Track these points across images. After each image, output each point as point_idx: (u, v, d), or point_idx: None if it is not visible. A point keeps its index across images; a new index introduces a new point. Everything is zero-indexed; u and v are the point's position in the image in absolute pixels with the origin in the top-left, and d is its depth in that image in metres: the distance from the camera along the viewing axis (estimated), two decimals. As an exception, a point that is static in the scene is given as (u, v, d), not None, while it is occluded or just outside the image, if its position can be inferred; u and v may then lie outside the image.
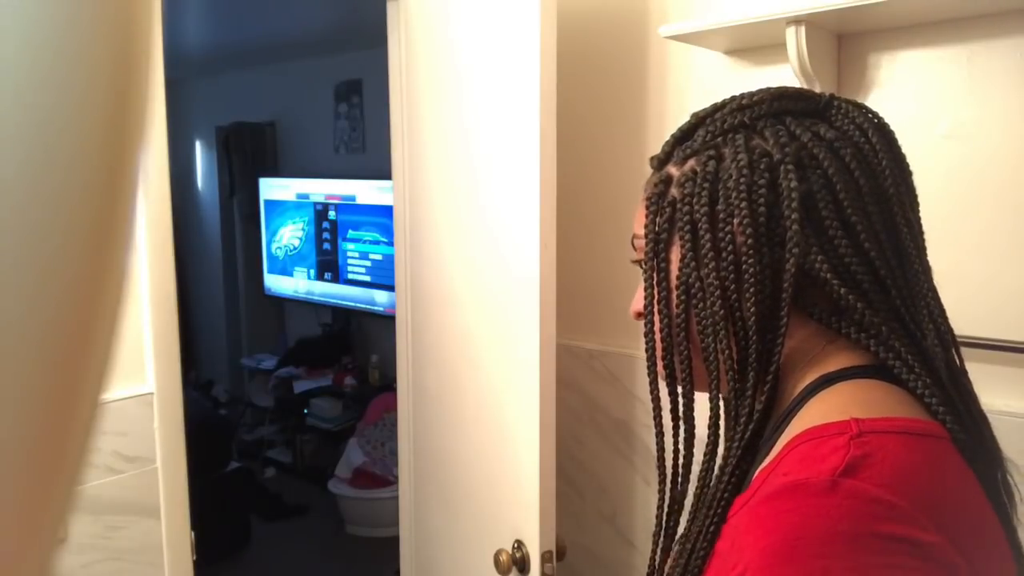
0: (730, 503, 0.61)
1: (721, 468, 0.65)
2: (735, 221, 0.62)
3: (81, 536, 1.33)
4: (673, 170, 0.68)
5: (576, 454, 1.79)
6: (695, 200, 0.64)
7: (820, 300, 0.62)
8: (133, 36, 0.28)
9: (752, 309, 0.61)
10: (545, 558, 1.36)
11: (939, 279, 0.63)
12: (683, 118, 0.71)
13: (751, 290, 0.61)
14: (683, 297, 0.65)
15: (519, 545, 1.39)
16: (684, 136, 0.68)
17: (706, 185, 0.63)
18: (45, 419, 0.28)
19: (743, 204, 0.61)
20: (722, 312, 0.63)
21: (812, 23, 1.26)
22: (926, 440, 0.56)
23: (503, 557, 1.39)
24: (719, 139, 0.65)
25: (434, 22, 1.62)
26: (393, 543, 1.96)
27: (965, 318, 1.29)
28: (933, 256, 0.67)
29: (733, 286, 0.62)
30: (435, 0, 1.61)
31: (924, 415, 0.59)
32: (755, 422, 0.63)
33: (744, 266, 0.61)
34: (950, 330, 0.65)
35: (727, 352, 0.63)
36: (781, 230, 0.61)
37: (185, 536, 1.47)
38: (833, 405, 0.58)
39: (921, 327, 0.62)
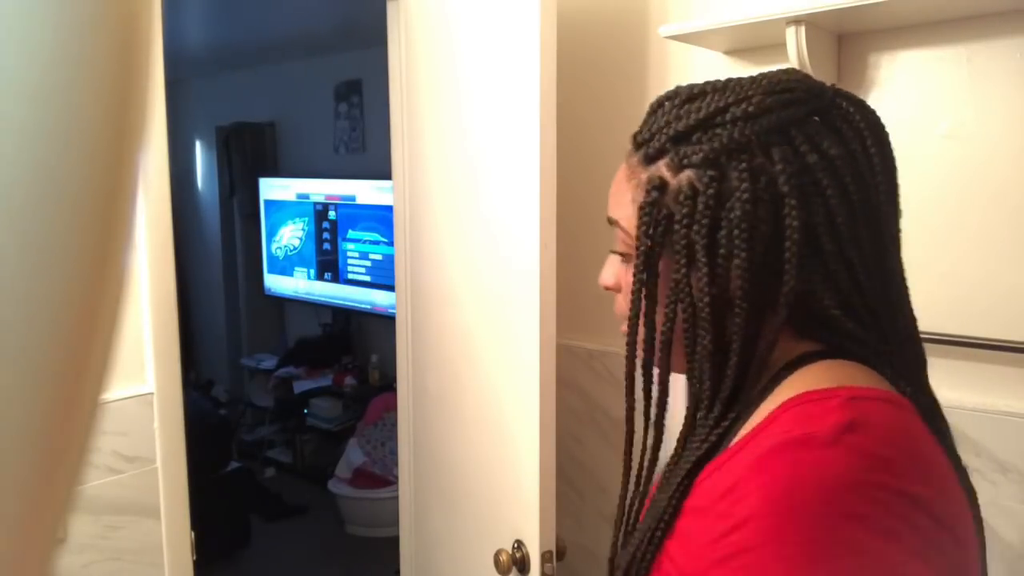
0: (699, 467, 0.63)
1: (697, 441, 0.66)
2: (734, 254, 0.61)
3: (81, 536, 1.33)
4: (667, 173, 0.65)
5: (576, 454, 1.79)
6: (694, 226, 0.62)
7: (807, 318, 0.64)
8: (133, 37, 0.28)
9: (739, 333, 0.63)
10: (545, 558, 1.36)
11: (939, 279, 0.63)
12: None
13: (739, 320, 0.62)
14: (671, 315, 0.66)
15: (519, 545, 1.39)
16: (681, 137, 0.65)
17: (707, 212, 0.62)
18: (45, 419, 0.28)
19: (743, 240, 0.61)
20: (710, 338, 0.64)
21: (812, 23, 1.26)
22: (902, 409, 0.59)
23: (503, 557, 1.39)
24: (722, 158, 0.62)
25: (434, 22, 1.62)
26: (393, 543, 1.96)
27: (964, 318, 1.29)
28: (933, 256, 0.68)
29: (723, 312, 0.63)
30: (435, 0, 1.61)
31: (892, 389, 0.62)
32: (724, 406, 0.65)
33: (737, 297, 0.62)
34: (919, 340, 0.69)
35: (708, 364, 0.65)
36: (779, 264, 0.61)
37: (185, 536, 1.47)
38: (817, 377, 0.61)
39: (898, 337, 0.66)
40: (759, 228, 0.60)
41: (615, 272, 0.74)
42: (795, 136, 0.62)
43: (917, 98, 1.30)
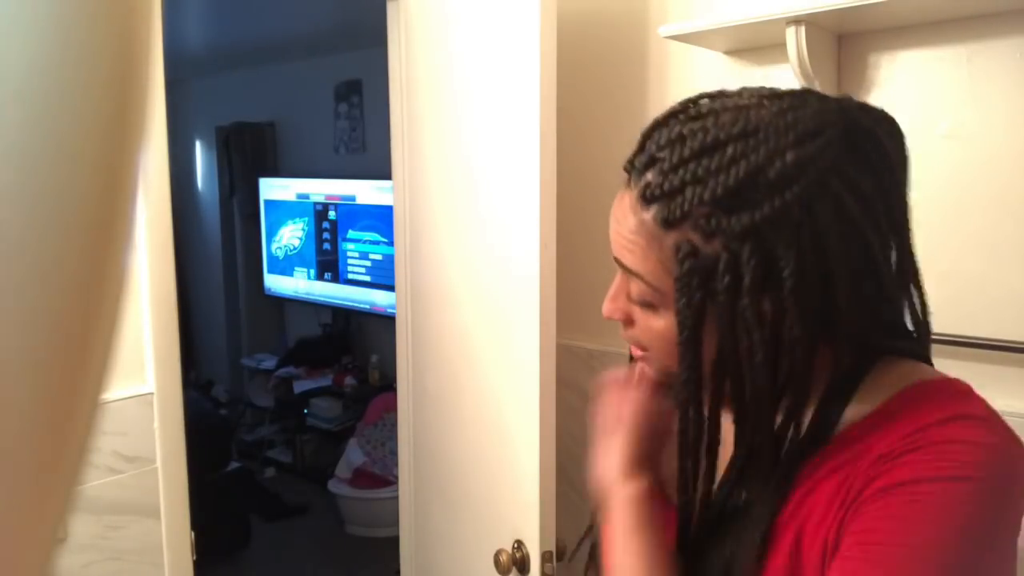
0: (796, 466, 0.65)
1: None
2: (786, 317, 0.60)
3: (81, 536, 1.33)
4: (696, 239, 0.60)
5: (576, 454, 1.79)
6: (739, 294, 0.59)
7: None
8: (133, 36, 0.28)
9: (795, 379, 0.62)
10: (545, 558, 1.36)
11: (939, 279, 0.64)
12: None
13: (796, 367, 0.61)
14: (718, 379, 0.64)
15: (519, 545, 1.39)
16: (711, 203, 0.58)
17: (754, 282, 0.59)
18: (45, 419, 0.28)
19: (795, 303, 0.59)
20: (762, 388, 0.62)
21: (812, 23, 1.26)
22: None
23: (503, 557, 1.39)
24: (765, 228, 0.58)
25: (434, 22, 1.62)
26: (393, 543, 1.96)
27: (964, 318, 1.29)
28: (933, 256, 0.68)
29: (774, 365, 0.62)
30: (435, 0, 1.61)
31: None
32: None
33: (790, 351, 0.61)
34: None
35: (757, 409, 0.64)
36: (830, 310, 0.61)
37: (185, 536, 1.47)
38: (905, 371, 0.65)
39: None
40: (811, 288, 0.59)
41: (622, 307, 0.70)
42: (832, 183, 0.58)
43: (917, 98, 1.29)
